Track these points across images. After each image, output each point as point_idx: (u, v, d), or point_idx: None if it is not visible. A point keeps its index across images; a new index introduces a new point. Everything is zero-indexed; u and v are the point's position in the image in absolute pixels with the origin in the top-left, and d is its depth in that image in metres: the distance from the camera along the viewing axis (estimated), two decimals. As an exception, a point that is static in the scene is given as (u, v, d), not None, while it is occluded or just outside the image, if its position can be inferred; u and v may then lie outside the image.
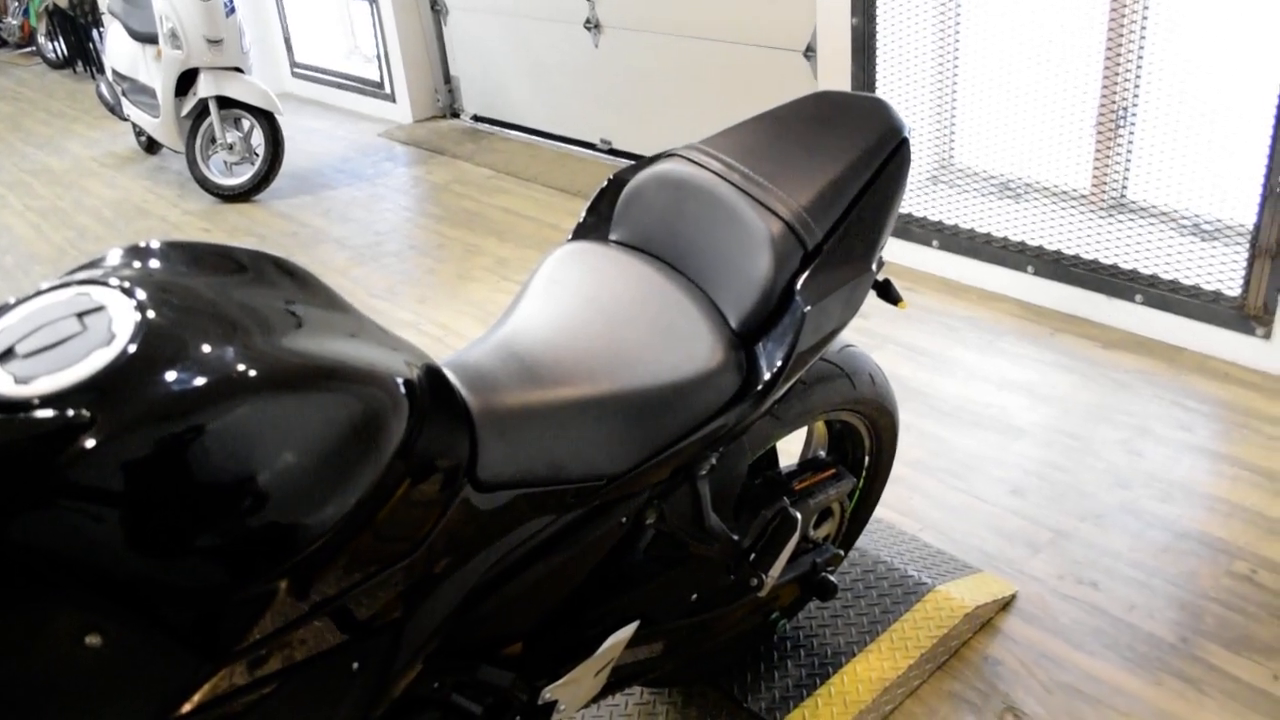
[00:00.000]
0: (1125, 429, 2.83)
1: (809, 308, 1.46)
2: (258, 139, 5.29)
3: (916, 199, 3.83)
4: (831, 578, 1.86)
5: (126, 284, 0.99)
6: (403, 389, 1.08)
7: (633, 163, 1.71)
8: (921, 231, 3.80)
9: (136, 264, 1.05)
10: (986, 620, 2.20)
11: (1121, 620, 2.19)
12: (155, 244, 1.10)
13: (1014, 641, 2.16)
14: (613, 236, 1.66)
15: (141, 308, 0.95)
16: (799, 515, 1.68)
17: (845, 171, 1.56)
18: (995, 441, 2.82)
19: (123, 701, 0.90)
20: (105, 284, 0.99)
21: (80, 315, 0.95)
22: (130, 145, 6.44)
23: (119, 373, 0.90)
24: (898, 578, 2.24)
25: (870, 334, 3.44)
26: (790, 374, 1.48)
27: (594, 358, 1.37)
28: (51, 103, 8.12)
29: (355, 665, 1.10)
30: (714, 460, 1.51)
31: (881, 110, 1.65)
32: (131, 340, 0.92)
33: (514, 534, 1.26)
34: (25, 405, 0.86)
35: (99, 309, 0.95)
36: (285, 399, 0.97)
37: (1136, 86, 3.28)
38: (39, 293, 0.99)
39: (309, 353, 1.02)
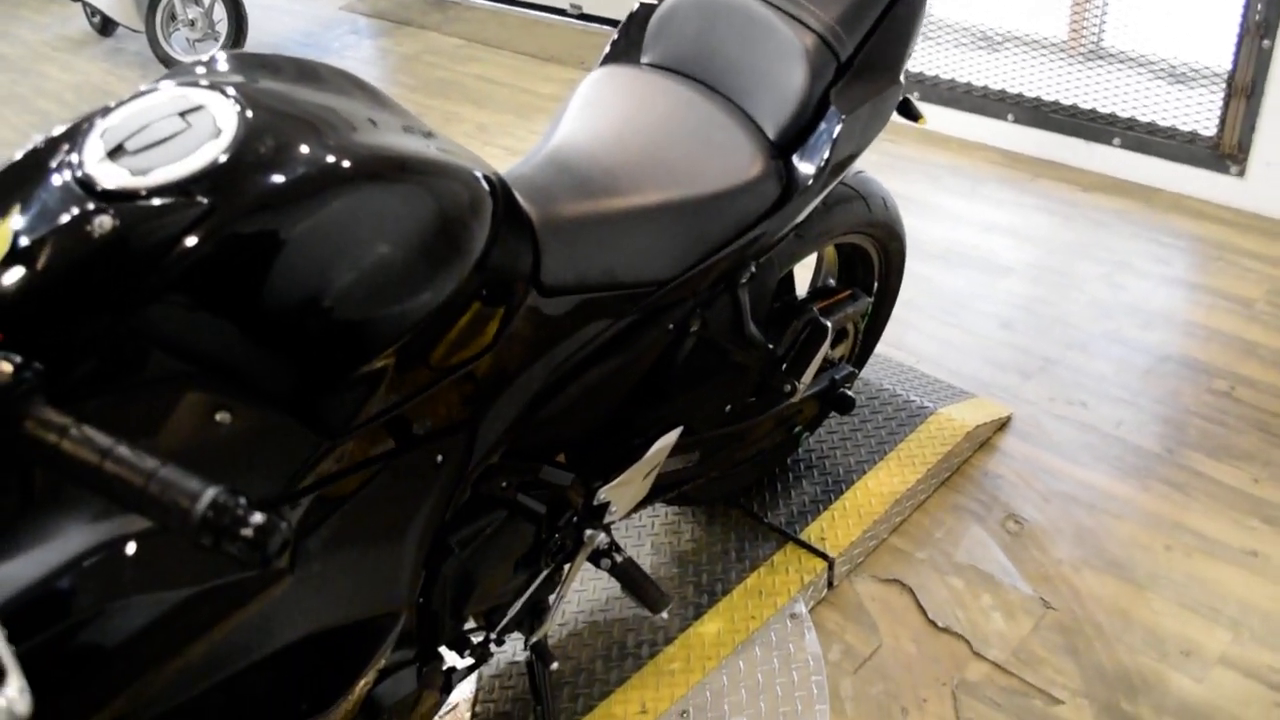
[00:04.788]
0: (1106, 264, 2.94)
1: (845, 115, 1.52)
2: (219, 14, 5.16)
3: (896, 52, 3.84)
4: (849, 393, 1.96)
5: (221, 85, 1.03)
6: (486, 188, 1.13)
7: None
8: (901, 85, 3.83)
9: (223, 69, 1.09)
10: (985, 439, 2.33)
11: (1111, 435, 2.33)
12: (235, 54, 1.13)
13: (1011, 458, 2.29)
14: (645, 60, 1.70)
15: (240, 105, 1.00)
16: (829, 323, 1.77)
17: None
18: (983, 280, 2.92)
19: (256, 472, 0.97)
20: (200, 85, 1.03)
21: (183, 114, 0.99)
22: (82, 28, 6.24)
23: (231, 163, 0.95)
24: (901, 403, 2.35)
25: (855, 185, 3.50)
26: (828, 180, 1.55)
27: (641, 170, 1.42)
28: (-9, -14, 7.83)
29: (440, 458, 1.18)
30: (753, 269, 1.59)
31: None
32: (238, 134, 0.97)
33: (574, 337, 1.33)
34: (147, 194, 0.91)
35: (199, 108, 0.99)
36: (385, 188, 1.03)
37: (1114, -70, 3.30)
38: (137, 95, 1.02)
39: (403, 150, 1.07)
